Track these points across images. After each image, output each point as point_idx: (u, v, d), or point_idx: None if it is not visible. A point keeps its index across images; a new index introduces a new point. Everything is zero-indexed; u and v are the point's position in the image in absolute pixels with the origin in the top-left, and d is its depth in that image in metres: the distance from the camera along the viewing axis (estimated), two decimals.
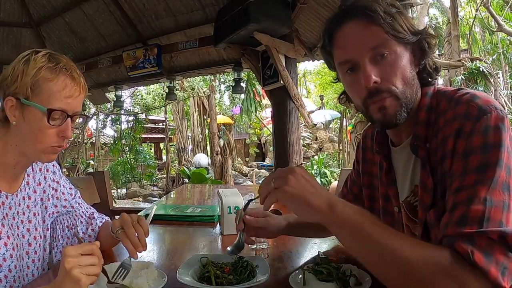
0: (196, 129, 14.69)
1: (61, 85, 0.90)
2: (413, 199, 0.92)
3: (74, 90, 0.93)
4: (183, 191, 3.26)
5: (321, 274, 0.90)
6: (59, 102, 0.90)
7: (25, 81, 0.88)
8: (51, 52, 0.94)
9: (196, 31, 4.75)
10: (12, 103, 0.90)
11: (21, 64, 0.90)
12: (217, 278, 0.90)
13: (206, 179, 10.23)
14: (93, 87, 6.30)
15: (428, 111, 0.85)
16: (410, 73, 0.84)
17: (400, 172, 0.96)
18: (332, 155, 13.53)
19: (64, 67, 0.92)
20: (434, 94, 0.87)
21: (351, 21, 0.84)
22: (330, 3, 3.54)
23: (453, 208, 0.70)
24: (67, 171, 11.94)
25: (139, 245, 0.95)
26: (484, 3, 8.99)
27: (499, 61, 11.37)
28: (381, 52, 0.81)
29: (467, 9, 12.29)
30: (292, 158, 3.71)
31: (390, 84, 0.82)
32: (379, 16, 0.80)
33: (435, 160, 0.82)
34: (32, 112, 0.90)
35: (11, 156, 0.95)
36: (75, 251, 0.75)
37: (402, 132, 0.92)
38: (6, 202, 0.97)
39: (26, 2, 5.27)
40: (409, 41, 0.83)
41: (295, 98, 3.61)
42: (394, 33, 0.81)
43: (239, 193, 1.50)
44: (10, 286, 0.93)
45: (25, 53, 0.93)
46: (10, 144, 0.94)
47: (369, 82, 0.80)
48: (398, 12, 0.83)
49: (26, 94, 0.89)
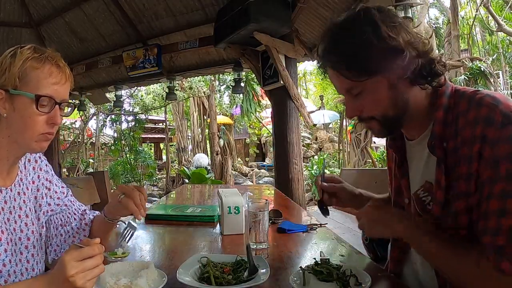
0: (196, 129, 14.69)
1: (47, 72, 0.94)
2: (422, 193, 0.95)
3: (61, 77, 0.96)
4: (183, 191, 3.25)
5: (321, 274, 0.90)
6: (46, 88, 0.94)
7: (12, 72, 0.92)
8: (36, 46, 0.98)
9: (196, 31, 4.75)
10: (1, 95, 0.93)
11: (8, 58, 0.94)
12: (217, 278, 0.90)
13: (206, 179, 10.23)
14: (93, 87, 6.31)
15: (445, 110, 0.88)
16: (391, 94, 0.88)
17: (413, 166, 1.01)
18: (332, 155, 13.53)
19: (49, 56, 0.96)
20: (452, 94, 0.89)
21: (329, 68, 0.94)
22: (330, 3, 3.54)
23: (486, 216, 0.77)
24: (67, 171, 11.93)
25: (141, 207, 1.02)
26: (484, 3, 8.99)
27: (499, 61, 11.38)
28: (354, 92, 0.91)
29: (467, 9, 12.29)
30: (292, 158, 3.71)
31: (369, 113, 0.92)
32: (342, 68, 0.88)
33: (453, 160, 0.84)
34: (22, 101, 0.93)
35: (4, 148, 0.97)
36: (76, 258, 0.75)
37: (415, 128, 0.96)
38: (1, 196, 0.98)
39: (26, 2, 5.27)
40: (379, 73, 0.86)
41: (295, 98, 3.61)
42: (359, 78, 0.87)
43: (239, 193, 1.50)
44: (5, 280, 0.94)
45: (11, 48, 0.96)
46: (2, 136, 0.96)
47: (349, 117, 0.97)
48: (365, 39, 0.84)
49: (15, 84, 0.92)
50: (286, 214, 1.69)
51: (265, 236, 1.22)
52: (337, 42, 0.88)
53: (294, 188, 3.70)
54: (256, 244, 1.21)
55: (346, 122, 12.00)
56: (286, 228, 1.43)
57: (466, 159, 0.81)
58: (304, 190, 3.94)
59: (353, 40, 0.85)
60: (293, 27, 3.64)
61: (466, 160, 0.81)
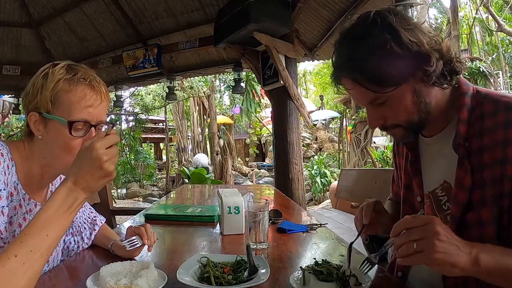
0: (196, 129, 14.70)
1: (79, 95, 0.90)
2: (440, 192, 0.94)
3: (94, 99, 0.92)
4: (183, 191, 3.25)
5: (321, 274, 0.89)
6: (79, 112, 0.90)
7: (45, 95, 0.89)
8: (69, 63, 0.94)
9: (196, 31, 4.75)
10: (35, 118, 0.91)
11: (40, 78, 0.91)
12: (217, 278, 0.90)
13: (206, 179, 10.22)
14: None
15: (469, 111, 0.88)
16: (416, 100, 0.86)
17: (427, 163, 0.99)
18: (332, 155, 13.53)
19: (82, 77, 0.91)
20: (473, 95, 0.90)
21: (345, 79, 0.89)
22: (330, 3, 3.54)
23: None
24: None
25: None
26: (484, 3, 8.99)
27: (499, 61, 11.38)
28: (377, 103, 0.87)
29: (467, 9, 12.29)
30: (292, 158, 3.71)
31: (394, 121, 0.89)
32: (364, 81, 0.84)
33: (477, 162, 0.84)
34: (55, 126, 0.90)
35: (37, 167, 0.96)
36: (105, 145, 0.78)
37: (433, 125, 0.94)
38: (34, 210, 0.98)
39: (26, 2, 5.27)
40: (404, 82, 0.83)
41: (295, 98, 3.61)
42: (383, 90, 0.84)
43: (239, 193, 1.50)
44: None
45: (44, 67, 0.93)
46: (38, 156, 0.95)
47: (373, 127, 0.93)
48: (388, 49, 0.80)
49: (47, 108, 0.89)
50: (286, 214, 1.69)
51: (265, 236, 1.22)
52: (357, 53, 0.83)
53: (294, 188, 3.70)
54: (256, 244, 1.21)
55: (346, 122, 12.00)
56: (286, 228, 1.43)
57: (498, 161, 0.81)
58: (304, 190, 3.94)
59: (374, 51, 0.81)
60: (293, 27, 3.64)
61: (498, 162, 0.81)
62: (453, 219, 0.88)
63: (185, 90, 13.34)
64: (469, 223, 0.86)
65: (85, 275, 0.90)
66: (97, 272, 0.89)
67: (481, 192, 0.83)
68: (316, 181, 9.57)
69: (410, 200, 1.05)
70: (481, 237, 0.84)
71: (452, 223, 0.88)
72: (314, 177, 9.70)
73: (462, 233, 0.85)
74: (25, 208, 0.96)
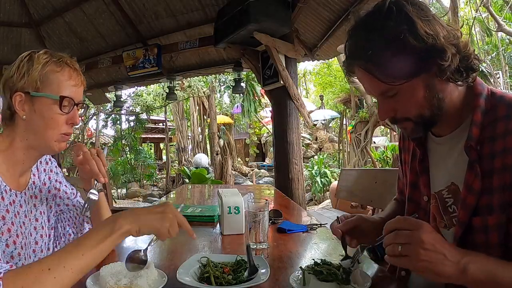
0: (196, 129, 14.70)
1: (67, 75, 1.00)
2: (446, 193, 0.92)
3: (78, 79, 1.03)
4: (183, 191, 3.25)
5: (321, 274, 0.89)
6: (67, 90, 0.99)
7: (33, 75, 0.96)
8: (49, 50, 1.03)
9: (196, 31, 4.75)
10: (21, 98, 0.96)
11: (25, 62, 0.98)
12: (217, 278, 0.90)
13: (206, 179, 10.22)
14: (93, 87, 6.29)
15: (483, 113, 0.86)
16: (428, 94, 0.84)
17: (435, 163, 0.97)
18: (332, 155, 13.52)
19: (67, 61, 1.02)
20: (488, 97, 0.87)
21: (357, 68, 0.87)
22: (330, 3, 3.54)
23: None
24: (67, 171, 11.91)
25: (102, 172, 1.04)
26: (484, 3, 8.99)
27: (499, 61, 11.38)
28: (388, 95, 0.86)
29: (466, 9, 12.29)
30: (292, 158, 3.71)
31: (404, 115, 0.88)
32: (377, 71, 0.82)
33: (488, 166, 0.82)
34: (43, 102, 0.97)
35: (20, 151, 1.00)
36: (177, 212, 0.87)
37: (444, 125, 0.92)
38: (16, 200, 1.01)
39: (26, 2, 5.27)
40: (418, 75, 0.81)
41: (295, 98, 3.61)
42: (396, 82, 0.82)
43: (239, 193, 1.50)
44: None
45: (25, 53, 1.01)
46: (20, 140, 0.99)
47: (382, 119, 0.91)
48: (403, 40, 0.77)
49: (36, 86, 0.96)
50: (286, 214, 1.69)
51: (265, 236, 1.22)
52: (371, 43, 0.81)
53: (294, 188, 3.70)
54: (256, 244, 1.21)
55: (346, 122, 12.00)
56: (286, 228, 1.43)
57: (509, 168, 0.79)
58: (304, 190, 3.94)
59: (389, 42, 0.79)
60: (293, 27, 3.64)
61: (508, 169, 0.79)
62: (460, 222, 0.86)
63: (185, 90, 13.34)
64: (475, 228, 0.84)
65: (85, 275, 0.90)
66: (97, 272, 0.89)
67: (489, 198, 0.82)
68: (316, 181, 9.57)
69: (415, 199, 1.03)
70: (485, 243, 0.82)
71: (459, 227, 0.86)
72: (314, 177, 9.70)
73: (466, 237, 0.84)
74: (8, 200, 0.98)
